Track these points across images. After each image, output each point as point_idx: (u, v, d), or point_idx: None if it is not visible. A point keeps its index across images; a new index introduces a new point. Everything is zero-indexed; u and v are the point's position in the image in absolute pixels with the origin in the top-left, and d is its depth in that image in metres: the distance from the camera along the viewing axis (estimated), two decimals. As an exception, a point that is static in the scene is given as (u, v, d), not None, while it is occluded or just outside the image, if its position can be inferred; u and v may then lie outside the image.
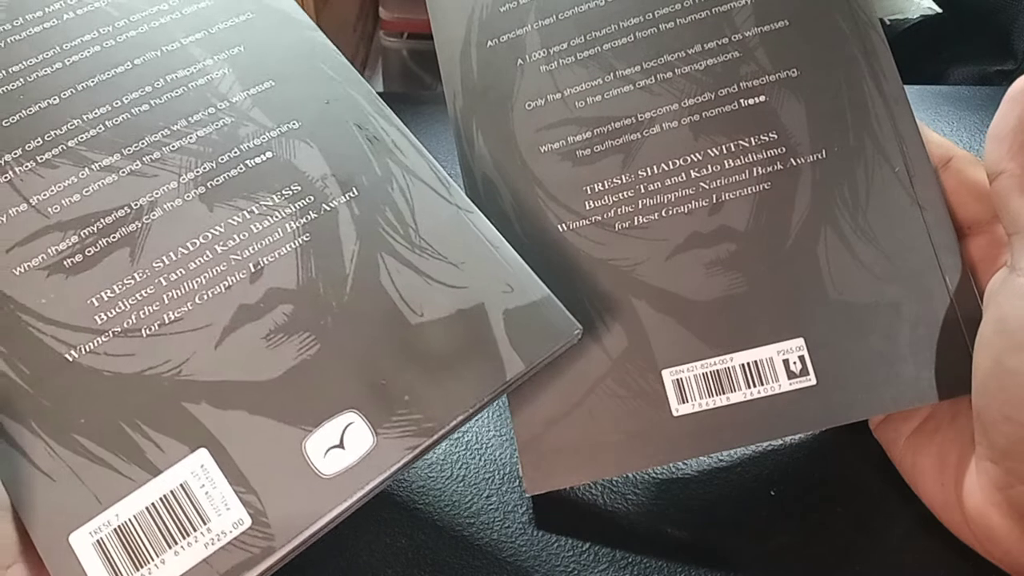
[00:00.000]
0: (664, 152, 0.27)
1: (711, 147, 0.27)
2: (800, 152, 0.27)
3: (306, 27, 0.27)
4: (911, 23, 0.62)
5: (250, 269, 0.23)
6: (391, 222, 0.24)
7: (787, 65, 0.27)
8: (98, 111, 0.24)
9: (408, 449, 0.22)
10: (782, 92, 0.27)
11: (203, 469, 0.21)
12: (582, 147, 0.27)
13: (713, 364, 0.26)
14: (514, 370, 0.23)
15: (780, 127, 0.27)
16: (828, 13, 0.27)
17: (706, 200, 0.27)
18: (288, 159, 0.25)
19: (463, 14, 0.26)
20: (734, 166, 0.27)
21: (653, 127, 0.27)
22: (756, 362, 0.26)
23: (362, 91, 0.26)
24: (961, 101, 0.51)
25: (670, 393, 0.26)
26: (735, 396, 0.26)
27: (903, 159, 0.26)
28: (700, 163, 0.27)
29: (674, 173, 0.27)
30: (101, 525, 0.21)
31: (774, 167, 0.27)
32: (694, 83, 0.27)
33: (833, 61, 0.27)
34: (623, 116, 0.27)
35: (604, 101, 0.28)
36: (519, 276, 0.24)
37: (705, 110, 0.27)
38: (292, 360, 0.22)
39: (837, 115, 0.27)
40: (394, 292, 0.23)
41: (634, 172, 0.27)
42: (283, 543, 0.21)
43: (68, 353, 0.22)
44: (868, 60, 0.27)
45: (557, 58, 0.28)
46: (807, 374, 0.25)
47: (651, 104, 0.27)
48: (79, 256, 0.23)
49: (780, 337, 0.26)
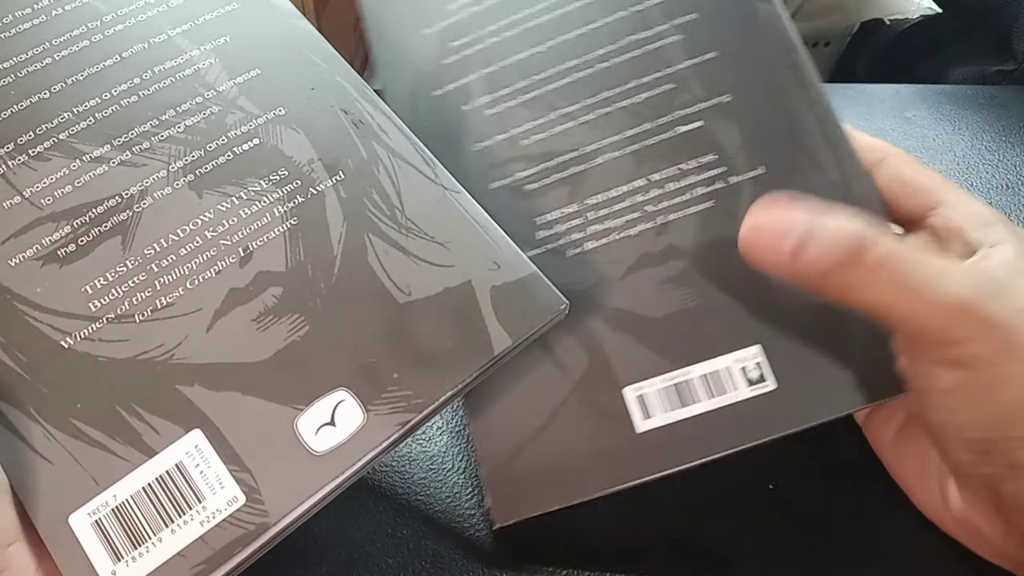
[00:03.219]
0: (609, 180, 0.28)
1: (653, 172, 0.28)
2: (739, 170, 0.28)
3: (290, 15, 0.27)
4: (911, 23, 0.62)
5: (240, 253, 0.24)
6: (377, 204, 0.25)
7: (720, 91, 0.28)
8: (88, 104, 0.25)
9: (398, 425, 0.22)
10: (717, 116, 0.28)
11: (197, 449, 0.22)
12: (530, 181, 0.29)
13: (673, 378, 0.26)
14: (502, 345, 0.23)
15: (718, 148, 0.28)
16: (754, 41, 0.29)
17: (652, 222, 0.28)
18: (275, 145, 0.25)
19: (408, 68, 0.27)
20: (677, 188, 0.28)
21: (597, 158, 0.28)
22: (715, 372, 0.26)
23: (347, 76, 0.27)
24: (961, 101, 0.51)
25: (633, 410, 0.26)
26: (697, 407, 0.26)
27: (837, 167, 0.27)
28: (644, 188, 0.28)
29: (620, 199, 0.28)
30: (99, 506, 0.21)
31: (715, 186, 0.28)
32: (633, 115, 0.29)
33: (763, 83, 0.28)
34: (568, 150, 0.29)
35: (549, 137, 0.29)
36: (505, 253, 0.25)
37: (645, 139, 0.28)
38: (282, 341, 0.23)
39: (771, 133, 0.28)
40: (382, 272, 0.24)
41: (582, 201, 0.28)
42: (277, 519, 0.21)
43: (64, 340, 0.22)
44: (796, 78, 0.28)
45: (502, 102, 0.30)
46: (765, 380, 0.26)
47: (594, 137, 0.29)
48: (72, 246, 0.23)
49: (737, 346, 0.26)
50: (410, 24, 0.31)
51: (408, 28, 0.31)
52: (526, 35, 0.30)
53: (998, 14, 0.58)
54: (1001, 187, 0.41)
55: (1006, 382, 0.22)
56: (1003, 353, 0.21)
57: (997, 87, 0.54)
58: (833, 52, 0.67)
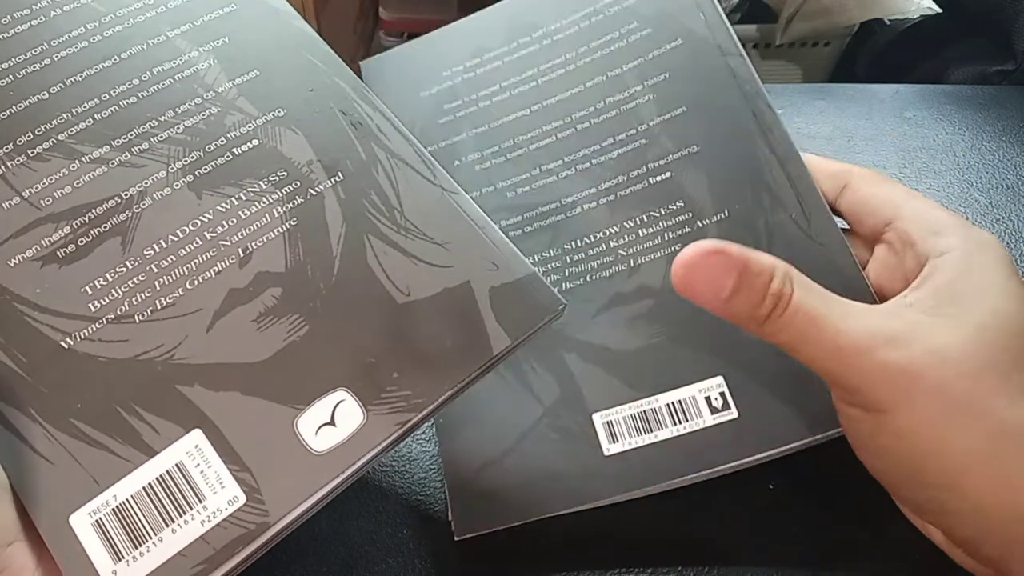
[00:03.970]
0: (586, 228, 0.31)
1: (626, 220, 0.31)
2: (705, 214, 0.30)
3: (289, 16, 0.28)
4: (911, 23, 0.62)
5: (239, 254, 0.24)
6: (376, 204, 0.25)
7: (688, 143, 0.31)
8: (87, 104, 0.25)
9: (398, 425, 0.22)
10: (685, 167, 0.31)
11: (198, 449, 0.22)
12: (514, 229, 0.32)
13: (640, 406, 0.28)
14: (500, 345, 0.23)
15: (686, 196, 0.30)
16: (719, 95, 0.31)
17: (624, 265, 0.30)
18: (274, 146, 0.25)
19: (405, 125, 0.27)
20: (647, 234, 0.30)
21: (576, 208, 0.31)
22: (680, 401, 0.28)
23: (346, 78, 0.27)
24: (961, 101, 0.51)
25: (601, 434, 0.28)
26: (662, 433, 0.28)
27: (799, 205, 0.29)
28: (618, 234, 0.31)
29: (595, 244, 0.31)
30: (100, 506, 0.21)
31: (683, 231, 0.30)
32: (608, 169, 0.31)
33: (728, 133, 0.31)
34: (549, 201, 0.32)
35: (532, 191, 0.32)
36: (504, 254, 0.25)
37: (619, 190, 0.31)
38: (282, 341, 0.23)
39: (736, 176, 0.30)
40: (381, 273, 0.24)
41: (560, 247, 0.31)
42: (277, 519, 0.21)
43: (63, 340, 0.22)
44: (759, 126, 0.31)
45: (490, 158, 0.33)
46: (728, 408, 0.28)
47: (572, 190, 0.32)
48: (72, 246, 0.23)
49: (700, 377, 0.28)
50: (408, 87, 0.35)
51: (406, 90, 0.35)
52: (513, 100, 0.34)
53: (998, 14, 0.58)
54: (1001, 187, 0.41)
55: (910, 429, 0.21)
56: (903, 400, 0.21)
57: (997, 87, 0.54)
58: (833, 52, 0.67)
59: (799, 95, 0.52)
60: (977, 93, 0.52)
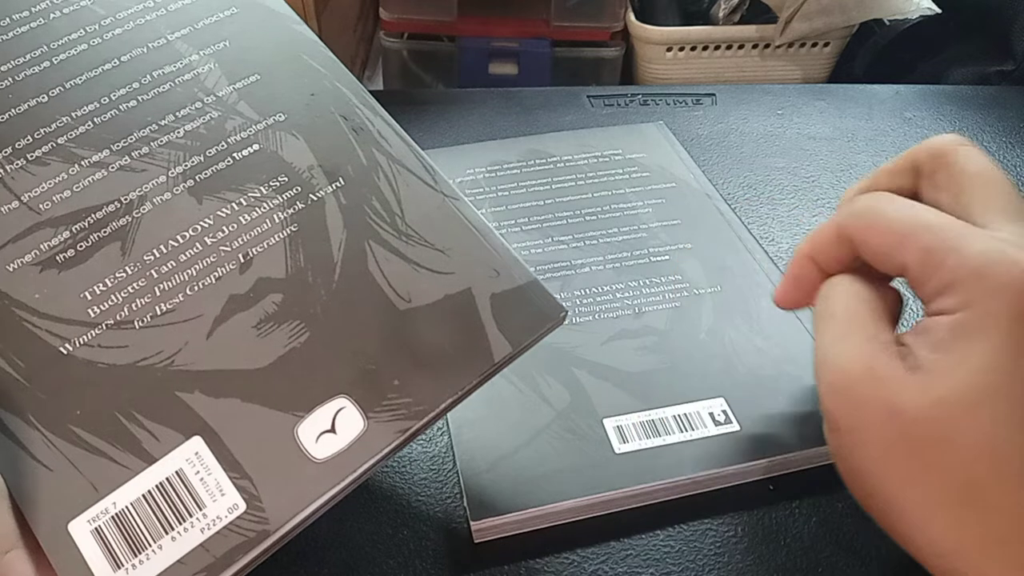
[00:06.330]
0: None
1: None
2: (700, 286, 0.34)
3: (290, 21, 0.27)
4: (911, 23, 0.62)
5: (240, 260, 0.23)
6: (377, 210, 0.25)
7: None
8: (86, 108, 0.25)
9: (399, 432, 0.22)
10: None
11: (197, 456, 0.22)
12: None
13: (648, 415, 0.30)
14: (501, 353, 0.23)
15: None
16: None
17: (631, 310, 0.35)
18: (275, 151, 0.25)
19: None
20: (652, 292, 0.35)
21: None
22: (686, 414, 0.30)
23: (347, 82, 0.27)
24: (961, 101, 0.51)
25: (612, 436, 0.30)
26: (670, 438, 0.30)
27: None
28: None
29: (604, 293, 0.35)
30: (99, 513, 0.21)
31: (681, 295, 0.34)
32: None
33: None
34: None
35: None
36: (505, 261, 0.25)
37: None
38: (283, 348, 0.23)
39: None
40: (382, 279, 0.24)
41: (571, 292, 0.35)
42: (278, 526, 0.21)
43: (62, 346, 0.22)
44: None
45: (506, 227, 0.36)
46: (731, 422, 0.30)
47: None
48: (71, 251, 0.23)
49: (703, 396, 0.31)
50: None
51: None
52: (527, 194, 0.39)
53: (998, 14, 0.58)
54: (1000, 190, 0.41)
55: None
56: (858, 442, 0.23)
57: (997, 87, 0.54)
58: (833, 52, 0.67)
59: (799, 95, 0.52)
60: (977, 93, 0.52)
